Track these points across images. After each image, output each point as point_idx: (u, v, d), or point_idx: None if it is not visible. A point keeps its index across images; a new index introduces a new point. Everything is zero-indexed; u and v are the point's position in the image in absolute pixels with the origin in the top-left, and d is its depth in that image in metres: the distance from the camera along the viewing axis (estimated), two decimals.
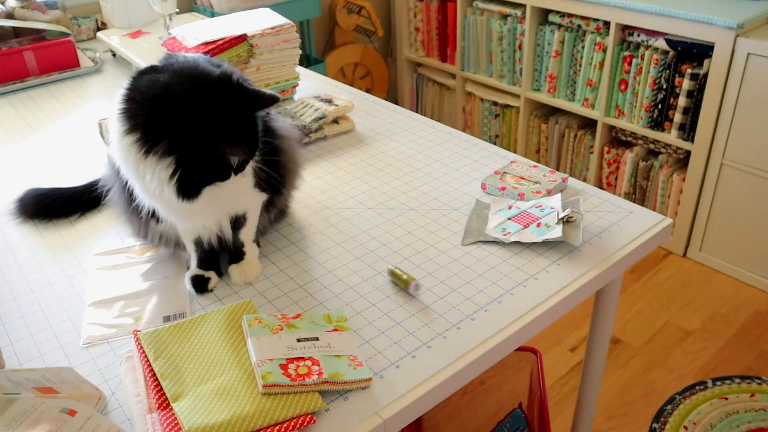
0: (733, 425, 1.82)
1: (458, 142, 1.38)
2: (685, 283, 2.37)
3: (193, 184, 0.84)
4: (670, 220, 1.10)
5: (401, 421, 0.78)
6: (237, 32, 1.45)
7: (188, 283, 0.98)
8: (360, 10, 3.06)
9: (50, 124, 1.56)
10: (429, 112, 3.40)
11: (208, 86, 0.85)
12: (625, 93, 2.47)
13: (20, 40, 1.89)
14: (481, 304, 0.93)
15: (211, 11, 2.52)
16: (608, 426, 1.85)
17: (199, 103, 0.83)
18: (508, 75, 2.88)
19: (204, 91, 0.84)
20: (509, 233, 1.05)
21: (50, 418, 0.69)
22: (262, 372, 0.77)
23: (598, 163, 2.66)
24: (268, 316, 0.87)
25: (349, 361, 0.81)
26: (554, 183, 1.17)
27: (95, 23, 2.16)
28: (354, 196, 1.21)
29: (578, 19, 2.51)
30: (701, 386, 1.95)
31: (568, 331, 2.18)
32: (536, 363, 1.34)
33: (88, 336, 0.91)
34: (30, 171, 1.36)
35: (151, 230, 1.01)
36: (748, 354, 2.06)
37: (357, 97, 1.62)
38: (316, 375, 0.77)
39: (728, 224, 2.31)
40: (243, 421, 0.72)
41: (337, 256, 1.04)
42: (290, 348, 0.81)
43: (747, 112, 2.12)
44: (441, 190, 1.21)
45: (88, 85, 1.81)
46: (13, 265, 1.07)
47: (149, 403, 0.77)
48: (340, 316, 0.89)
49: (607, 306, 1.17)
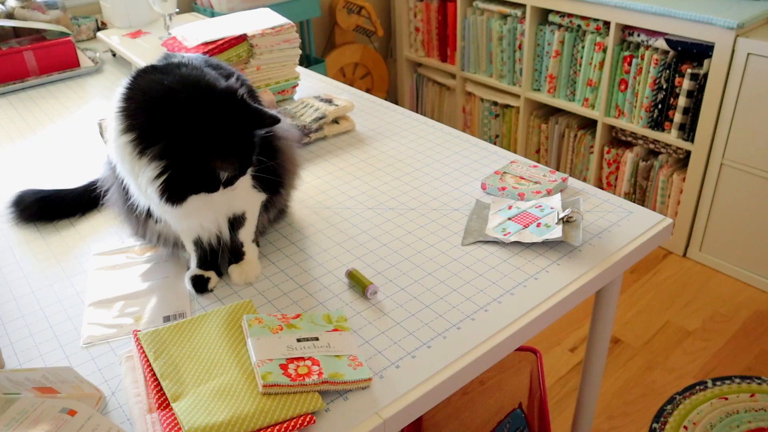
0: (733, 425, 1.82)
1: (458, 142, 1.38)
2: (685, 283, 2.37)
3: (180, 190, 0.84)
4: (670, 220, 1.10)
5: (401, 421, 0.78)
6: (237, 32, 1.45)
7: (188, 283, 0.98)
8: (360, 10, 3.06)
9: (50, 124, 1.56)
10: (429, 112, 3.40)
11: (211, 98, 0.84)
12: (625, 93, 2.47)
13: (20, 40, 1.89)
14: (481, 304, 0.93)
15: (211, 11, 2.52)
16: (608, 426, 1.85)
17: (199, 112, 0.82)
18: (508, 75, 2.88)
19: (206, 102, 0.84)
20: (509, 233, 1.05)
21: (50, 418, 0.69)
22: (262, 372, 0.77)
23: (598, 163, 2.66)
24: (268, 316, 0.87)
25: (349, 361, 0.81)
26: (554, 183, 1.17)
27: (95, 23, 2.16)
28: (354, 196, 1.21)
29: (578, 19, 2.51)
30: (701, 386, 1.95)
31: (568, 331, 2.18)
32: (536, 363, 1.34)
33: (88, 336, 0.91)
34: (30, 171, 1.36)
35: (149, 230, 1.01)
36: (748, 354, 2.06)
37: (357, 97, 1.62)
38: (316, 375, 0.77)
39: (728, 224, 2.31)
40: (243, 421, 0.72)
41: (337, 256, 1.04)
42: (290, 348, 0.81)
43: (747, 112, 2.12)
44: (441, 190, 1.21)
45: (88, 85, 1.81)
46: (13, 265, 1.07)
47: (149, 403, 0.77)
48: (340, 316, 0.89)
49: (607, 306, 1.17)
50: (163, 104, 0.83)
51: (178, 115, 0.82)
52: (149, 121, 0.83)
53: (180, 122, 0.81)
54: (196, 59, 0.99)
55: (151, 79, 0.87)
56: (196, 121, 0.82)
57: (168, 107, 0.83)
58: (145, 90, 0.85)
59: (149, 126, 0.82)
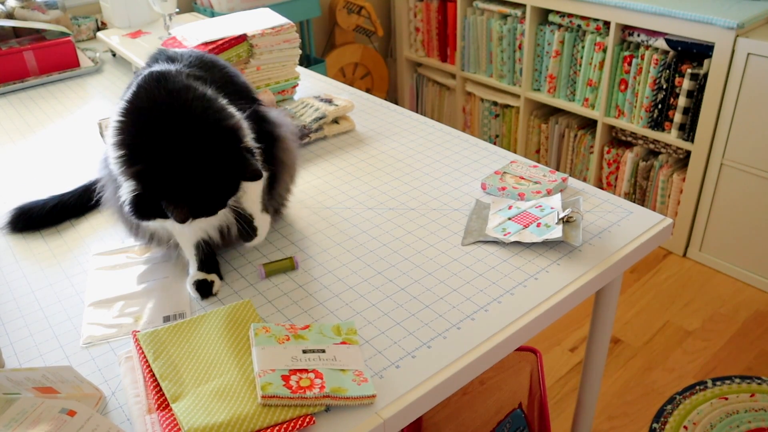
0: (733, 425, 1.82)
1: (458, 142, 1.38)
2: (685, 283, 2.37)
3: (148, 212, 0.86)
4: (670, 220, 1.10)
5: (401, 421, 0.78)
6: (237, 32, 1.45)
7: (191, 288, 0.97)
8: (360, 10, 3.06)
9: (50, 124, 1.56)
10: (429, 112, 3.40)
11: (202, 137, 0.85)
12: (625, 93, 2.47)
13: (20, 40, 1.89)
14: (481, 304, 0.93)
15: (211, 11, 2.52)
16: (608, 426, 1.85)
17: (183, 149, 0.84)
18: (508, 75, 2.88)
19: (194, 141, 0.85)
20: (509, 233, 1.05)
21: (50, 418, 0.69)
22: (262, 383, 0.76)
23: (598, 163, 2.66)
24: (276, 326, 0.85)
25: (354, 376, 0.79)
26: (554, 183, 1.17)
27: (95, 23, 2.16)
28: (354, 196, 1.21)
29: (578, 19, 2.51)
30: (701, 386, 1.95)
31: (568, 331, 2.18)
32: (536, 363, 1.34)
33: (87, 336, 0.91)
34: (30, 171, 1.36)
35: (142, 230, 1.01)
36: (748, 354, 2.06)
37: (357, 97, 1.62)
38: (317, 388, 0.76)
39: (728, 224, 2.31)
40: (243, 422, 0.72)
41: (337, 256, 1.04)
42: (294, 359, 0.80)
43: (747, 112, 2.12)
44: (441, 190, 1.21)
45: (88, 85, 1.81)
46: (13, 266, 1.07)
47: (149, 404, 0.77)
48: (349, 328, 0.87)
49: (607, 306, 1.17)
50: (153, 132, 0.85)
51: (160, 146, 0.84)
52: (135, 143, 0.85)
53: (159, 154, 0.84)
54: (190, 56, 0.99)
55: (154, 97, 0.87)
56: (175, 158, 0.83)
57: (156, 136, 0.85)
58: (143, 110, 0.87)
59: (135, 147, 0.85)
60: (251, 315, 0.90)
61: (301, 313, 0.93)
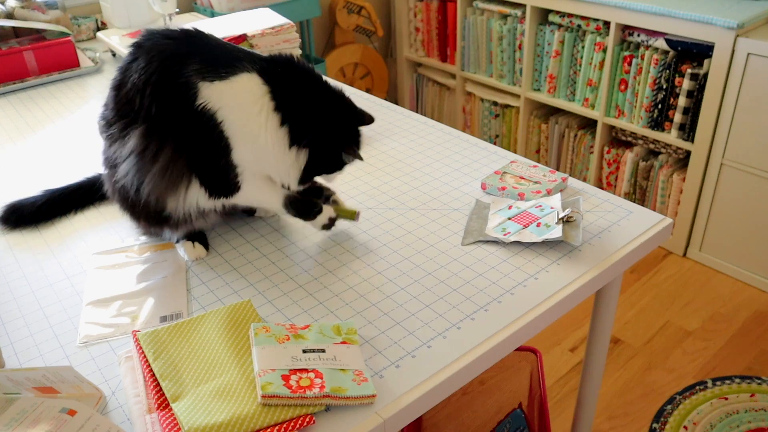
0: (733, 425, 1.82)
1: (458, 142, 1.38)
2: (685, 283, 2.37)
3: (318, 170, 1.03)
4: (670, 220, 1.10)
5: (401, 421, 0.78)
6: (237, 32, 1.45)
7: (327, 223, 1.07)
8: (360, 10, 3.06)
9: (50, 124, 1.56)
10: (429, 112, 3.40)
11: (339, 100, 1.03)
12: (625, 93, 2.47)
13: (20, 40, 1.89)
14: (481, 304, 0.93)
15: (211, 11, 2.52)
16: (608, 426, 1.85)
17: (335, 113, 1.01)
18: (508, 75, 2.88)
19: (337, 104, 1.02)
20: (509, 233, 1.05)
21: (50, 418, 0.69)
22: (262, 382, 0.76)
23: (598, 163, 2.66)
24: (276, 326, 0.85)
25: (354, 376, 0.79)
26: (554, 183, 1.17)
27: (95, 23, 2.16)
28: (354, 196, 1.21)
29: (578, 19, 2.51)
30: (701, 386, 1.95)
31: (568, 331, 2.18)
32: (536, 363, 1.34)
33: (84, 335, 0.91)
34: (30, 171, 1.36)
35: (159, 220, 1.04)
36: (748, 354, 2.06)
37: (357, 97, 1.62)
38: (317, 388, 0.76)
39: (728, 224, 2.31)
40: (243, 422, 0.72)
41: (338, 256, 1.04)
42: (294, 359, 0.80)
43: (747, 112, 2.12)
44: (441, 190, 1.21)
45: (88, 85, 1.81)
46: (13, 265, 1.07)
47: (149, 404, 0.77)
48: (349, 328, 0.87)
49: (607, 306, 1.17)
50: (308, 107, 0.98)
51: (320, 114, 0.99)
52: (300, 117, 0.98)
53: (323, 120, 0.99)
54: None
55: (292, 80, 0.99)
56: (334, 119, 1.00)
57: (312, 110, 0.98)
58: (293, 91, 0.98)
59: (300, 121, 0.97)
60: (251, 315, 0.90)
61: (301, 313, 0.93)
